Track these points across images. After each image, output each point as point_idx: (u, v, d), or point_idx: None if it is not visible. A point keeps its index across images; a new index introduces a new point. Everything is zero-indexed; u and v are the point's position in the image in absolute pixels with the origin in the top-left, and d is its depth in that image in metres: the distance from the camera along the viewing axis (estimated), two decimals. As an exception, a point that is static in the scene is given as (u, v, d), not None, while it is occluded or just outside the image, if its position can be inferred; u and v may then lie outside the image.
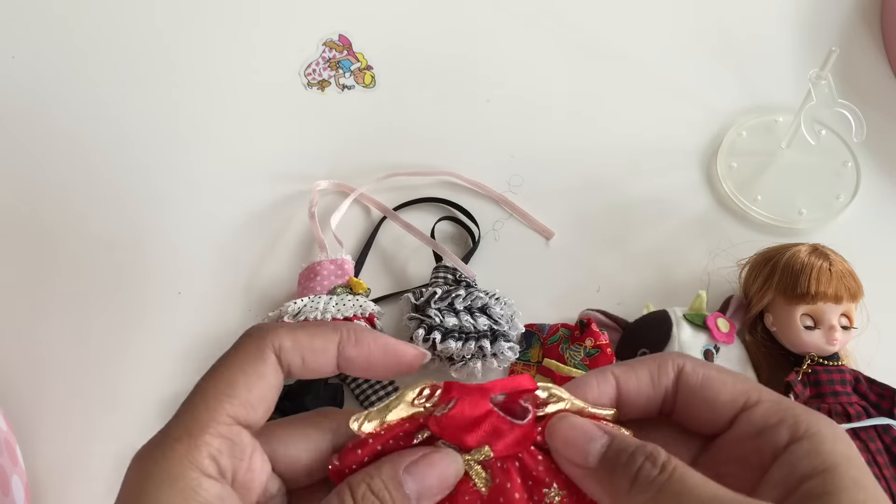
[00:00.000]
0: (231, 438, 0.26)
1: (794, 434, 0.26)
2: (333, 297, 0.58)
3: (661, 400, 0.29)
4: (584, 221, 0.65)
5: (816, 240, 0.58)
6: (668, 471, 0.25)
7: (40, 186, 0.67)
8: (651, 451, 0.26)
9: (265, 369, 0.27)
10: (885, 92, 0.71)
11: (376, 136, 0.70)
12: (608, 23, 0.76)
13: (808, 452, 0.25)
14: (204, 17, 0.76)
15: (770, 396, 0.28)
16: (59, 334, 0.60)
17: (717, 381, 0.28)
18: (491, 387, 0.29)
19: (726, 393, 0.28)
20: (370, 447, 0.28)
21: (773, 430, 0.27)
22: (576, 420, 0.28)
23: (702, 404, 0.28)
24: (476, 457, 0.29)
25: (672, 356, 0.29)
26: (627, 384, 0.29)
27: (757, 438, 0.27)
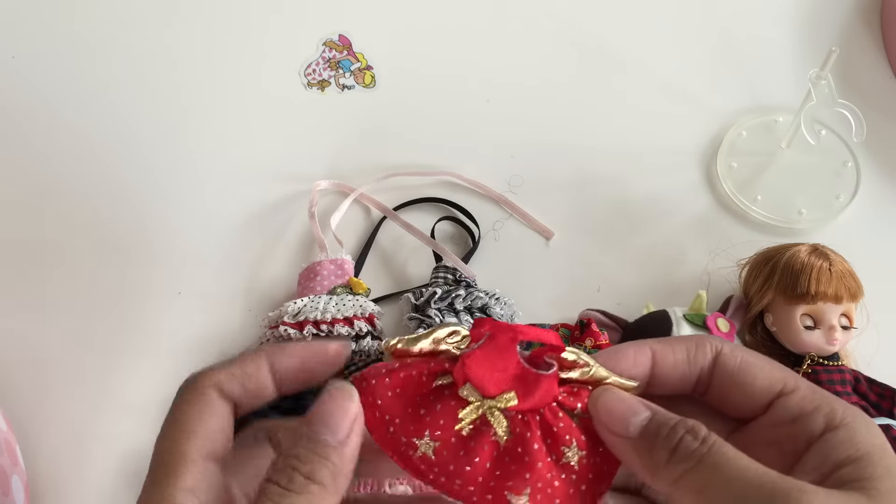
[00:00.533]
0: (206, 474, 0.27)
1: (830, 422, 0.27)
2: (333, 297, 0.58)
3: (695, 378, 0.29)
4: (584, 221, 0.65)
5: (816, 240, 0.58)
6: (708, 443, 0.26)
7: (40, 186, 0.67)
8: (693, 426, 0.26)
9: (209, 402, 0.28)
10: (885, 92, 0.71)
11: (376, 136, 0.70)
12: (608, 23, 0.76)
13: (843, 441, 0.26)
14: (204, 17, 0.76)
15: (806, 385, 0.28)
16: (59, 334, 0.60)
17: (754, 366, 0.28)
18: (522, 331, 0.29)
19: (763, 378, 0.28)
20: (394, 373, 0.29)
21: (808, 417, 0.27)
22: (622, 394, 0.28)
23: (738, 388, 0.28)
24: (499, 404, 0.28)
25: (710, 338, 0.29)
26: (665, 359, 0.29)
27: (792, 425, 0.27)
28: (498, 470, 0.28)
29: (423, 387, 0.29)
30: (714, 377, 0.29)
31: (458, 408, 0.28)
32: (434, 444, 0.28)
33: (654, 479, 0.27)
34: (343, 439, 0.27)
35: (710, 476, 0.25)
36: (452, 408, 0.28)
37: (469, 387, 0.28)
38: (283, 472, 0.26)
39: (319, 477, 0.26)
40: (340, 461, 0.27)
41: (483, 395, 0.28)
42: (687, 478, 0.26)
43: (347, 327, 0.56)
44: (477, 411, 0.28)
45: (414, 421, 0.28)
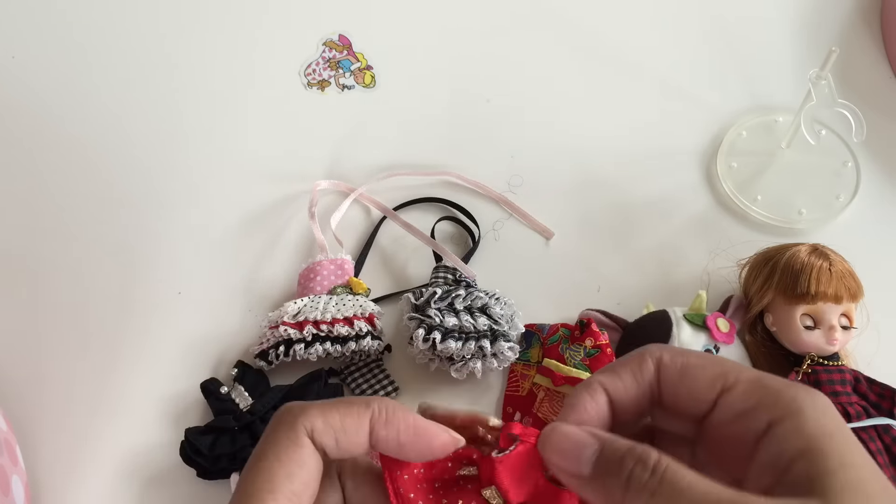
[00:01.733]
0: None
1: (774, 414, 0.26)
2: (333, 297, 0.58)
3: (648, 396, 0.29)
4: (584, 221, 0.65)
5: (816, 240, 0.58)
6: (658, 473, 0.25)
7: (39, 186, 0.67)
8: (641, 454, 0.25)
9: (302, 456, 0.27)
10: (885, 92, 0.71)
11: (376, 136, 0.70)
12: (608, 23, 0.76)
13: (790, 433, 0.25)
14: (204, 17, 0.76)
15: (748, 378, 0.27)
16: (59, 334, 0.60)
17: (694, 367, 0.28)
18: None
19: (704, 378, 0.28)
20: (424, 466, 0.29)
21: (750, 412, 0.26)
22: (567, 428, 0.27)
23: (684, 392, 0.28)
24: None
25: (650, 350, 0.29)
26: (616, 390, 0.29)
27: (737, 422, 0.27)
28: None
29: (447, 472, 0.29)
30: (661, 386, 0.29)
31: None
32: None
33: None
34: None
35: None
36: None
37: (493, 490, 0.28)
38: None
39: None
40: None
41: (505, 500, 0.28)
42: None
43: (347, 327, 0.56)
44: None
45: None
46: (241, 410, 0.55)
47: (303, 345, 0.56)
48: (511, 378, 0.58)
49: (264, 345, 0.57)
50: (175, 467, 0.54)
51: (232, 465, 0.53)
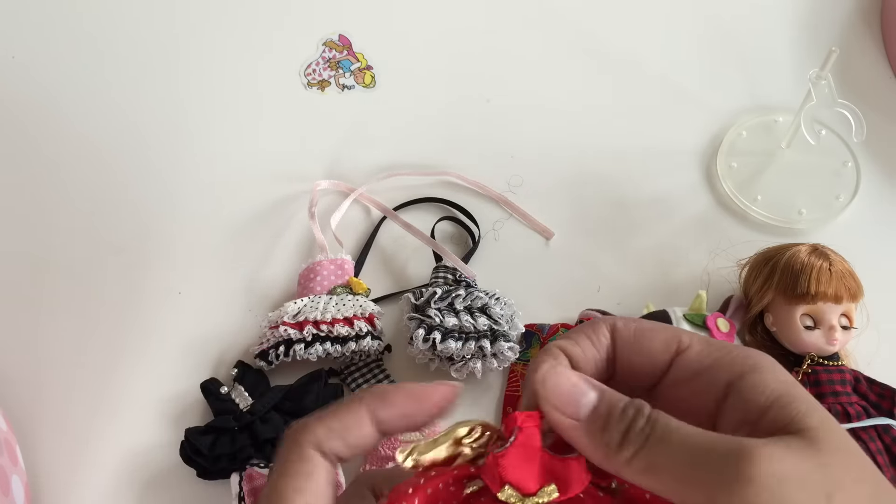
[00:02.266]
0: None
1: (733, 371, 0.27)
2: (333, 297, 0.58)
3: (605, 361, 0.29)
4: (584, 221, 0.65)
5: (816, 240, 0.58)
6: (652, 420, 0.26)
7: (40, 186, 0.67)
8: (639, 405, 0.26)
9: (308, 468, 0.27)
10: (885, 92, 0.71)
11: (376, 136, 0.70)
12: (608, 23, 0.76)
13: (755, 385, 0.26)
14: (204, 17, 0.76)
15: (700, 339, 0.28)
16: (59, 334, 0.60)
17: (648, 330, 0.29)
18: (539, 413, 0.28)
19: (658, 340, 0.28)
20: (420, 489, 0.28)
21: (708, 371, 0.27)
22: (569, 372, 0.28)
23: (637, 356, 0.29)
24: (540, 499, 0.27)
25: (603, 318, 0.30)
26: (575, 353, 0.29)
27: (694, 381, 0.27)
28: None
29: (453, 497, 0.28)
30: (616, 351, 0.29)
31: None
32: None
33: (605, 461, 0.27)
34: None
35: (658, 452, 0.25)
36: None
37: (509, 489, 0.27)
38: None
39: None
40: None
41: (522, 493, 0.27)
42: (637, 458, 0.26)
43: (347, 327, 0.56)
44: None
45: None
46: (241, 410, 0.55)
47: (303, 345, 0.56)
48: (511, 378, 0.58)
49: (264, 345, 0.57)
50: (175, 467, 0.54)
51: (232, 465, 0.53)
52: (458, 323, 0.55)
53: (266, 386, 0.57)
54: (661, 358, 0.29)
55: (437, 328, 0.55)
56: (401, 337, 0.59)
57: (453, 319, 0.55)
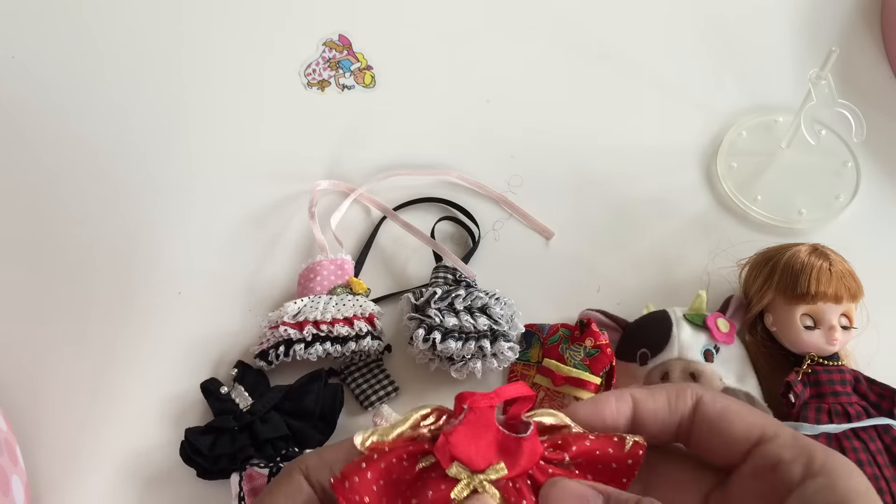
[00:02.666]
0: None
1: (809, 469, 0.26)
2: (333, 297, 0.58)
3: (676, 426, 0.29)
4: (584, 221, 0.65)
5: (816, 240, 0.58)
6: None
7: (39, 186, 0.67)
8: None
9: (290, 488, 0.28)
10: (885, 92, 0.71)
11: (376, 136, 0.70)
12: (608, 23, 0.76)
13: (822, 488, 0.25)
14: (204, 17, 0.76)
15: (787, 432, 0.28)
16: (59, 334, 0.60)
17: (733, 413, 0.28)
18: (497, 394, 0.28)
19: (741, 425, 0.28)
20: (374, 464, 0.28)
21: (788, 465, 0.27)
22: (569, 484, 0.27)
23: (718, 436, 0.28)
24: (489, 476, 0.28)
25: (691, 385, 0.29)
26: (645, 406, 0.29)
27: (772, 473, 0.27)
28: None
29: (406, 472, 0.28)
30: (695, 424, 0.29)
31: (448, 489, 0.28)
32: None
33: None
34: None
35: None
36: (443, 491, 0.28)
37: (457, 465, 0.28)
38: None
39: None
40: None
41: (472, 470, 0.28)
42: None
43: (347, 327, 0.56)
44: (468, 488, 0.28)
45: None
46: (241, 410, 0.55)
47: (303, 345, 0.56)
48: (511, 378, 0.58)
49: (264, 345, 0.57)
50: (175, 467, 0.54)
51: (232, 465, 0.53)
52: (458, 323, 0.55)
53: (266, 386, 0.57)
54: (741, 445, 0.28)
55: (437, 328, 0.55)
56: (401, 337, 0.59)
57: (453, 319, 0.55)
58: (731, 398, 0.29)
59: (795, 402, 0.53)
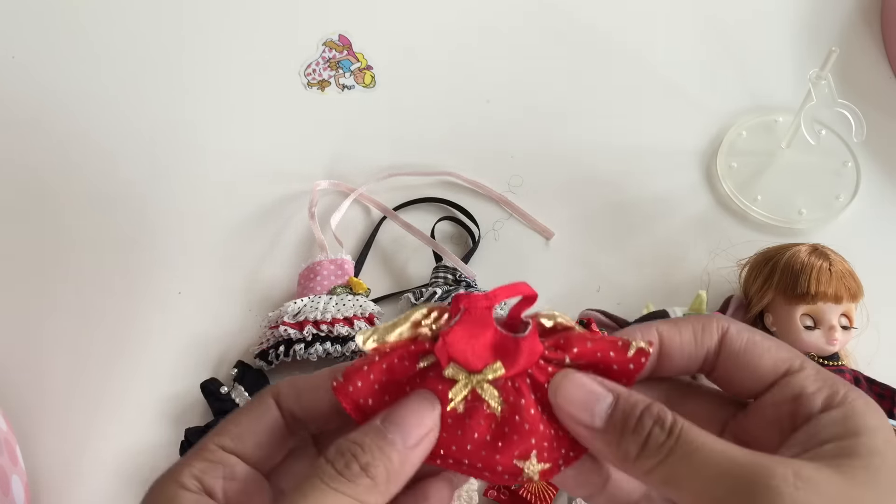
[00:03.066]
0: (217, 461, 0.28)
1: (830, 402, 0.27)
2: (333, 297, 0.58)
3: (702, 359, 0.29)
4: (584, 221, 0.65)
5: (816, 240, 0.58)
6: (675, 434, 0.25)
7: (39, 186, 0.67)
8: (658, 414, 0.26)
9: (258, 408, 0.29)
10: (885, 92, 0.71)
11: (376, 136, 0.70)
12: (608, 23, 0.76)
13: (836, 420, 0.26)
14: (204, 17, 0.76)
15: (813, 366, 0.28)
16: (59, 334, 0.60)
17: (760, 345, 0.28)
18: (495, 295, 0.28)
19: (769, 358, 0.28)
20: (375, 365, 0.28)
21: (810, 396, 0.27)
22: (580, 378, 0.28)
23: (744, 368, 0.28)
24: (487, 376, 0.28)
25: (717, 318, 0.29)
26: (672, 341, 0.29)
27: (793, 403, 0.27)
28: (500, 441, 0.28)
29: (407, 371, 0.29)
30: (720, 357, 0.29)
31: (446, 388, 0.28)
32: None
33: (624, 469, 0.27)
34: (410, 446, 0.27)
35: (680, 468, 0.25)
36: (441, 391, 0.28)
37: (454, 365, 0.28)
38: (342, 456, 0.26)
39: (374, 472, 0.26)
40: (400, 466, 0.27)
41: (469, 370, 0.28)
42: (657, 470, 0.25)
43: (347, 327, 0.56)
44: (466, 388, 0.28)
45: None
46: (241, 410, 0.55)
47: (303, 345, 0.56)
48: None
49: (264, 345, 0.57)
50: (175, 467, 0.54)
51: (232, 465, 0.53)
52: (458, 323, 0.55)
53: (266, 386, 0.57)
54: (767, 377, 0.28)
55: (437, 328, 0.55)
56: (401, 337, 0.59)
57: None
58: (755, 330, 0.29)
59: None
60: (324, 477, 0.26)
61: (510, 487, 0.53)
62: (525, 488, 0.53)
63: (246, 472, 0.29)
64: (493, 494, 0.53)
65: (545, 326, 0.29)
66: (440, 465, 0.28)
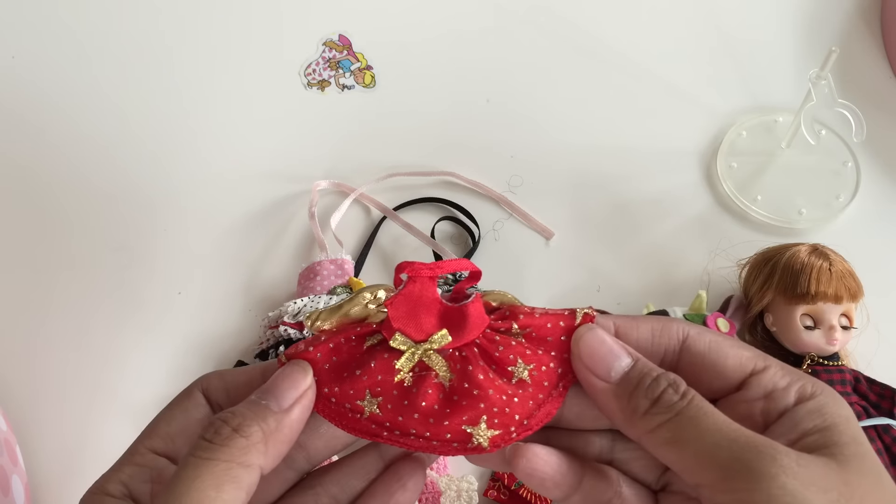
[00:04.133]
0: (145, 465, 0.28)
1: (802, 395, 0.28)
2: (333, 297, 0.58)
3: (659, 357, 0.30)
4: (584, 221, 0.65)
5: (816, 240, 0.58)
6: (688, 398, 0.27)
7: (39, 187, 0.67)
8: (675, 379, 0.27)
9: (188, 404, 0.29)
10: (885, 92, 0.71)
11: (376, 136, 0.70)
12: (608, 23, 0.76)
13: (812, 411, 0.27)
14: (204, 17, 0.76)
15: (776, 362, 0.29)
16: (59, 334, 0.60)
17: (723, 346, 0.29)
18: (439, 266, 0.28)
19: (734, 358, 0.29)
20: (322, 345, 0.28)
21: (782, 392, 0.28)
22: (606, 336, 0.29)
23: (710, 368, 0.29)
24: (433, 345, 0.28)
25: (676, 321, 0.30)
26: (627, 334, 0.30)
27: (766, 400, 0.28)
28: (448, 408, 0.28)
29: (354, 351, 0.28)
30: (682, 359, 0.30)
31: (392, 360, 0.28)
32: (377, 400, 0.28)
33: (629, 426, 0.28)
34: (285, 408, 0.27)
35: (687, 429, 0.26)
36: (387, 360, 0.28)
37: (399, 336, 0.28)
38: (211, 426, 0.26)
39: (248, 432, 0.26)
40: (277, 426, 0.27)
41: (415, 340, 0.28)
42: (663, 428, 0.26)
43: (347, 327, 0.56)
44: (413, 358, 0.28)
45: (352, 384, 0.28)
46: (241, 410, 0.55)
47: (303, 345, 0.56)
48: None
49: (264, 345, 0.57)
50: (175, 467, 0.54)
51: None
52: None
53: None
54: (734, 377, 0.29)
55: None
56: (401, 337, 0.59)
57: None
58: (716, 332, 0.30)
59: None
60: (195, 451, 0.26)
61: (510, 487, 0.53)
62: (524, 488, 0.53)
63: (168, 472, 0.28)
64: (493, 494, 0.53)
65: (492, 305, 0.30)
66: (386, 439, 0.28)
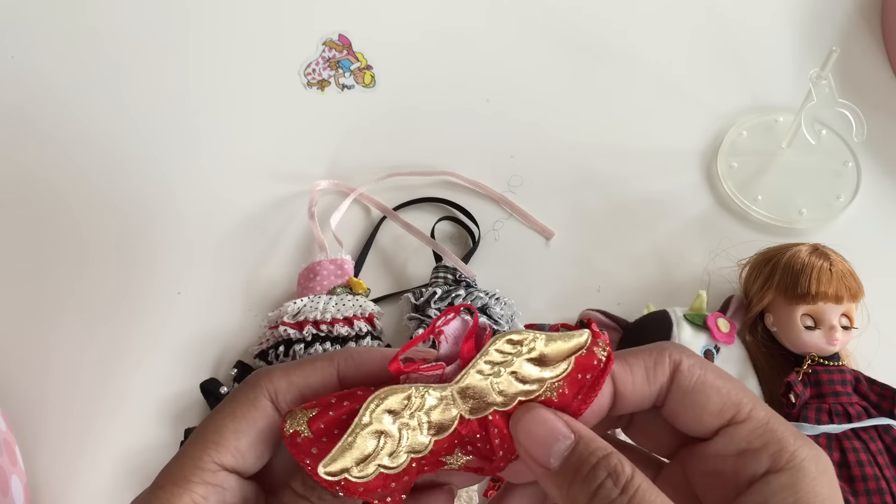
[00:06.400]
0: (218, 485, 0.26)
1: (775, 463, 0.25)
2: (333, 297, 0.58)
3: (655, 395, 0.28)
4: (584, 221, 0.65)
5: (816, 240, 0.58)
6: (629, 493, 0.24)
7: (39, 186, 0.67)
8: (615, 467, 0.24)
9: (256, 415, 0.27)
10: (885, 92, 0.71)
11: (376, 136, 0.70)
12: (609, 23, 0.76)
13: (784, 487, 0.24)
14: (204, 17, 0.76)
15: (760, 415, 0.26)
16: (59, 335, 0.60)
17: (710, 387, 0.27)
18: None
19: (716, 402, 0.26)
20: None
21: (754, 454, 0.25)
22: (544, 414, 0.26)
23: (689, 409, 0.27)
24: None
25: (669, 349, 0.27)
26: (624, 382, 0.27)
27: (737, 458, 0.26)
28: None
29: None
30: (670, 393, 0.27)
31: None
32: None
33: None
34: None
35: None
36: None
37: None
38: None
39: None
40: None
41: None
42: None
43: (347, 327, 0.56)
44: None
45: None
46: (240, 410, 0.54)
47: (302, 345, 0.56)
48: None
49: (264, 345, 0.57)
50: (175, 467, 0.54)
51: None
52: (458, 323, 0.55)
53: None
54: (711, 423, 0.26)
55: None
56: (401, 337, 0.59)
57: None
58: (710, 366, 0.27)
59: (796, 402, 0.53)
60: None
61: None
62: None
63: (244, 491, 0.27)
64: (492, 495, 0.53)
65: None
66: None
